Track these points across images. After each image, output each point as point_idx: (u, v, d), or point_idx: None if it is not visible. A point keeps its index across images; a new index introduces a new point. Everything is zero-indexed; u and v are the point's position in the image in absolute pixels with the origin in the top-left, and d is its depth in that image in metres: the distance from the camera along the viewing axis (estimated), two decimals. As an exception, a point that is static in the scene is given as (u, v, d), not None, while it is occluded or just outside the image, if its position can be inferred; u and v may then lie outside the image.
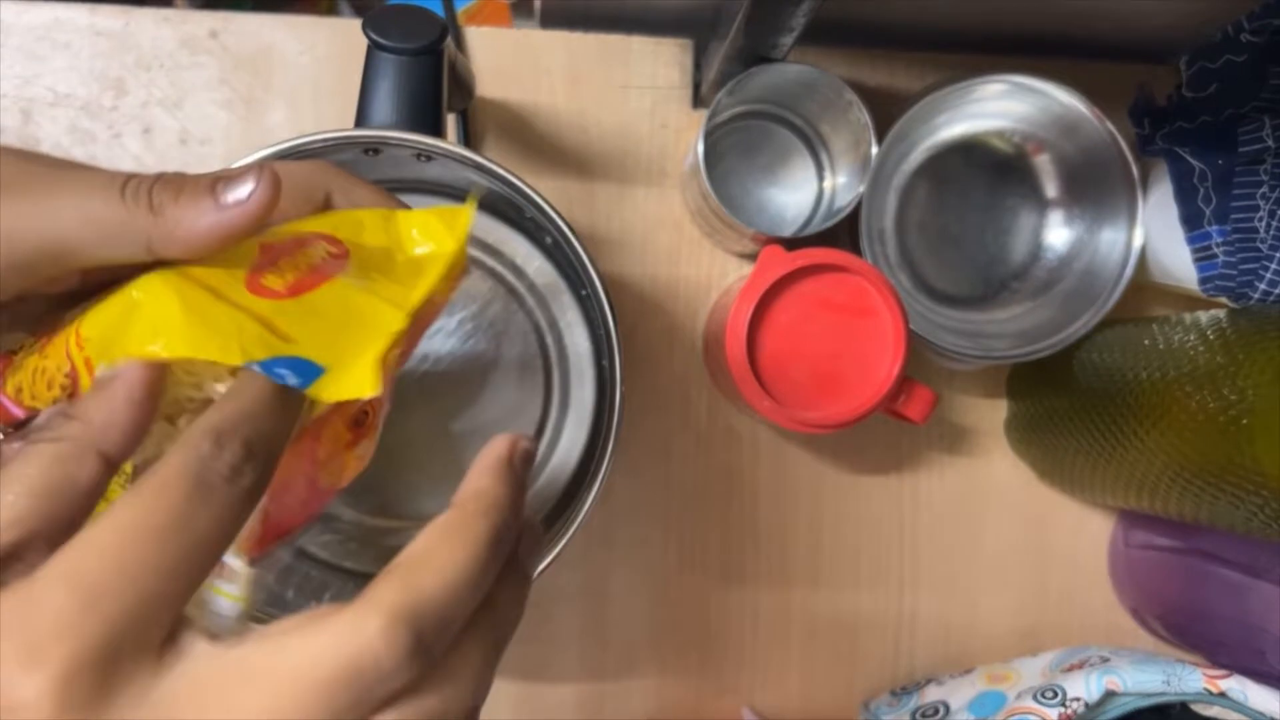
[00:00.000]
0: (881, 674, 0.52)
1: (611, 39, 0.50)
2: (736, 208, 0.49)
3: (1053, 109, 0.46)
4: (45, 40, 0.47)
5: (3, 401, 0.24)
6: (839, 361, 0.42)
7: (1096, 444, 0.44)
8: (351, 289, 0.25)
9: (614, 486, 0.50)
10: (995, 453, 0.53)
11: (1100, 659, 0.43)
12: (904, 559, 0.52)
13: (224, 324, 0.21)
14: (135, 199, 0.22)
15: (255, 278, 0.23)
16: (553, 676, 0.50)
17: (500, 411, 0.45)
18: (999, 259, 0.51)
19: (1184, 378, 0.39)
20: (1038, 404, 0.49)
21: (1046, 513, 0.53)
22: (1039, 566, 0.53)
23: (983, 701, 0.43)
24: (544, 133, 0.49)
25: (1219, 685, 0.38)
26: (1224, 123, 0.43)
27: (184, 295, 0.22)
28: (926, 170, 0.50)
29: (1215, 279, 0.43)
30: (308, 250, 0.25)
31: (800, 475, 0.51)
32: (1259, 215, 0.41)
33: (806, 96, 0.47)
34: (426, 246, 0.28)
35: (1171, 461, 0.39)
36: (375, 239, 0.27)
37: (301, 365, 0.22)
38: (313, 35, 0.48)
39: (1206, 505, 0.38)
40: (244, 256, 0.24)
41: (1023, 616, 0.53)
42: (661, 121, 0.50)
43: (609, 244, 0.50)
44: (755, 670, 0.51)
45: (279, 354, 0.21)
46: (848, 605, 0.52)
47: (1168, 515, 0.42)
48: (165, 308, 0.21)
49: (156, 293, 0.22)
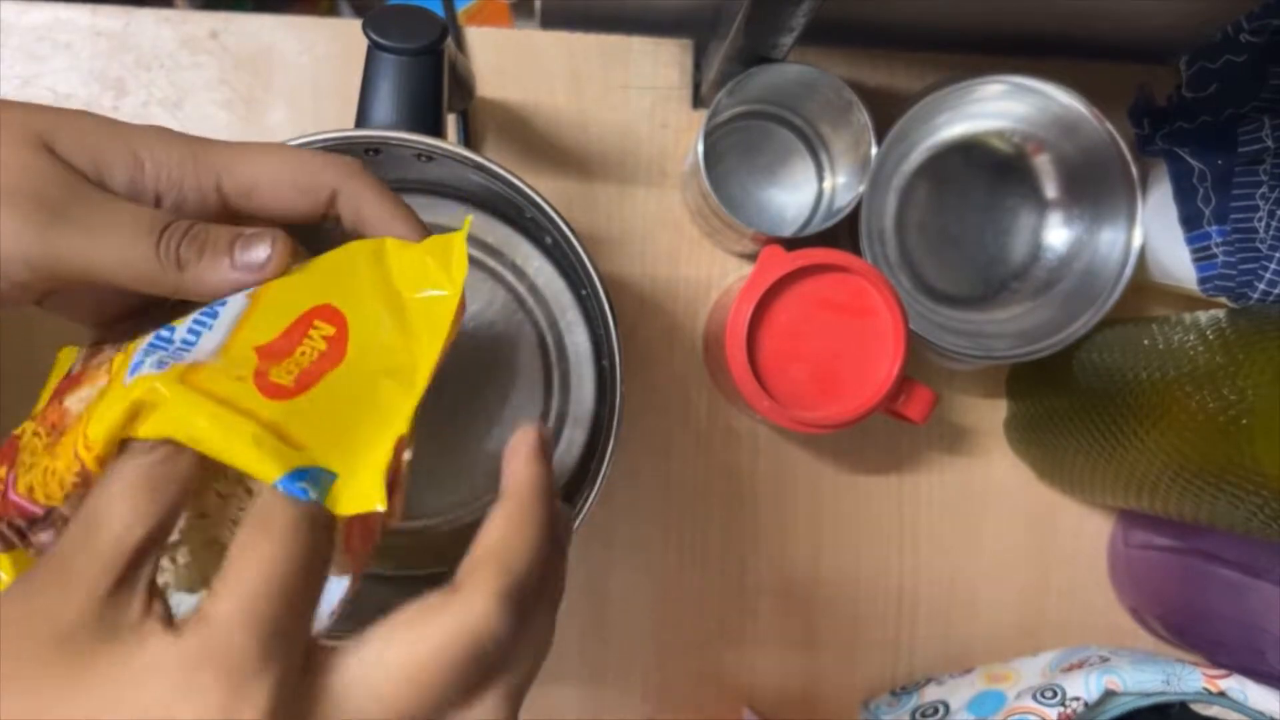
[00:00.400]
0: (881, 674, 0.52)
1: (612, 39, 0.50)
2: (736, 208, 0.49)
3: (1052, 109, 0.46)
4: (46, 40, 0.47)
5: (19, 502, 0.25)
6: (839, 361, 0.42)
7: (1096, 444, 0.44)
8: (358, 374, 0.25)
9: (614, 486, 0.50)
10: (995, 453, 0.53)
11: (1100, 659, 0.43)
12: (904, 559, 0.52)
13: (237, 433, 0.22)
14: (167, 254, 0.25)
15: (263, 376, 0.24)
16: (553, 676, 0.50)
17: (500, 411, 0.45)
18: (999, 259, 0.51)
19: (1184, 378, 0.39)
20: (1038, 404, 0.50)
21: (1046, 513, 0.53)
22: (1039, 566, 0.53)
23: (982, 701, 0.43)
24: (544, 133, 0.49)
25: (1218, 685, 0.38)
26: (1224, 123, 0.43)
27: (198, 405, 0.23)
28: (926, 170, 0.50)
29: (1214, 279, 0.43)
30: (305, 342, 0.25)
31: (800, 475, 0.51)
32: (1258, 215, 0.41)
33: (806, 97, 0.47)
34: (426, 291, 0.27)
35: (1171, 461, 0.39)
36: (373, 282, 0.27)
37: (316, 475, 0.23)
38: (313, 35, 0.48)
39: (1206, 505, 0.38)
40: (245, 363, 0.24)
41: (1022, 616, 0.53)
42: (661, 122, 0.50)
43: (609, 244, 0.50)
44: (755, 670, 0.51)
45: (294, 466, 0.22)
46: (848, 605, 0.52)
47: (1167, 515, 0.42)
48: (184, 413, 0.22)
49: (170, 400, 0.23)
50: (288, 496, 0.21)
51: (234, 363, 0.24)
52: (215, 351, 0.25)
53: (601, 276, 0.36)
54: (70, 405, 0.25)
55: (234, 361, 0.24)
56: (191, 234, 0.25)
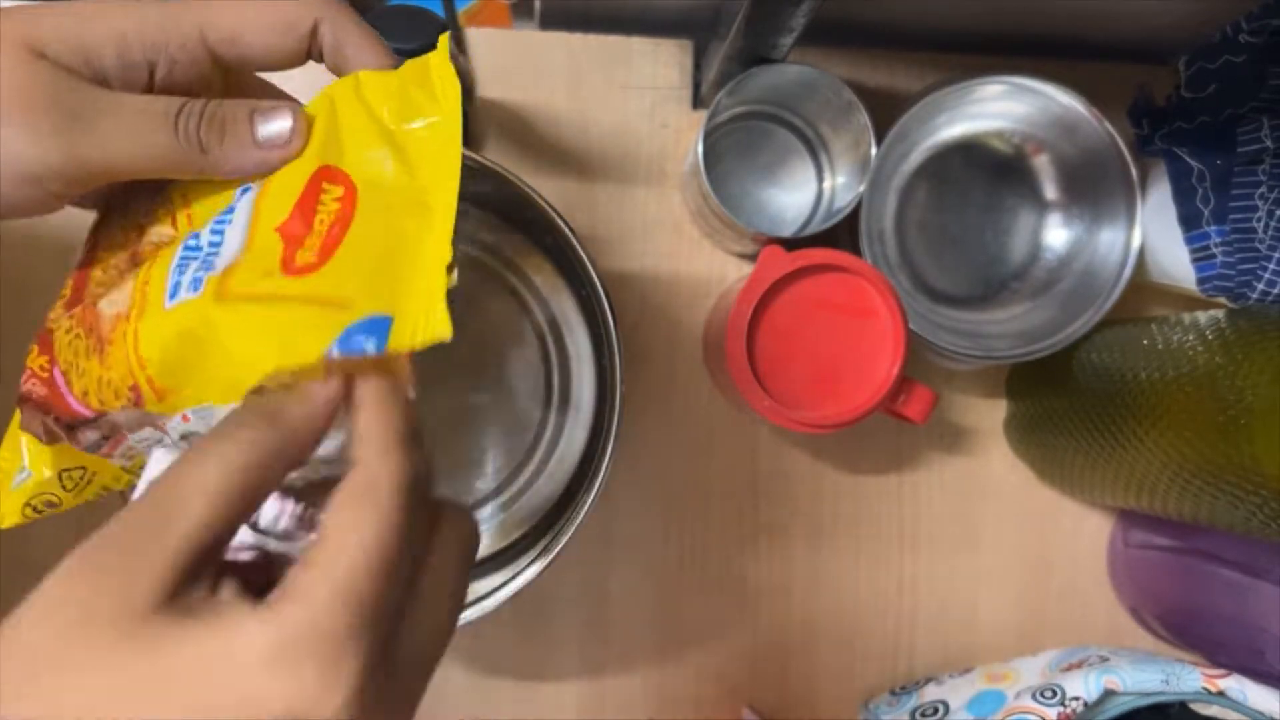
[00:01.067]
0: (881, 673, 0.52)
1: (611, 39, 0.50)
2: (736, 208, 0.49)
3: (1052, 109, 0.46)
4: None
5: (75, 405, 0.25)
6: (839, 361, 0.42)
7: (1096, 444, 0.44)
8: (376, 224, 0.25)
9: (614, 486, 0.50)
10: (995, 453, 0.53)
11: (1099, 658, 0.43)
12: (903, 559, 0.52)
13: (287, 326, 0.23)
14: (187, 139, 0.25)
15: (289, 262, 0.24)
16: (553, 676, 0.50)
17: (500, 411, 0.45)
18: (999, 259, 0.51)
19: (1184, 378, 0.39)
20: (1037, 404, 0.50)
21: (1046, 512, 0.53)
22: (1038, 566, 0.53)
23: (982, 701, 0.43)
24: (544, 133, 0.50)
25: (1218, 685, 0.38)
26: (1223, 123, 0.43)
27: (240, 315, 0.23)
28: (926, 170, 0.50)
29: (1214, 279, 0.43)
30: (319, 209, 0.25)
31: (800, 475, 0.51)
32: (1257, 215, 0.41)
33: (806, 97, 0.47)
34: (417, 122, 0.26)
35: (1171, 461, 0.39)
36: (361, 127, 0.26)
37: (373, 324, 0.22)
38: (313, 36, 0.48)
39: (1206, 505, 0.38)
40: (271, 250, 0.24)
41: (1022, 616, 0.53)
42: (661, 122, 0.50)
43: (609, 244, 0.50)
44: (755, 670, 0.51)
45: (345, 325, 0.22)
46: (847, 605, 0.52)
47: (1167, 515, 0.42)
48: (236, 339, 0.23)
49: (218, 324, 0.23)
50: (391, 466, 0.20)
51: (261, 253, 0.24)
52: (241, 247, 0.25)
53: (601, 276, 0.36)
54: (104, 309, 0.25)
55: (261, 252, 0.24)
56: (207, 114, 0.25)
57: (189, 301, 0.24)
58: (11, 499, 0.28)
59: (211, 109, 0.25)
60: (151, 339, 0.24)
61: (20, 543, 0.46)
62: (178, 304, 0.24)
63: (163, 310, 0.24)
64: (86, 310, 0.26)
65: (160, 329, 0.24)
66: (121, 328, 0.24)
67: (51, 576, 0.19)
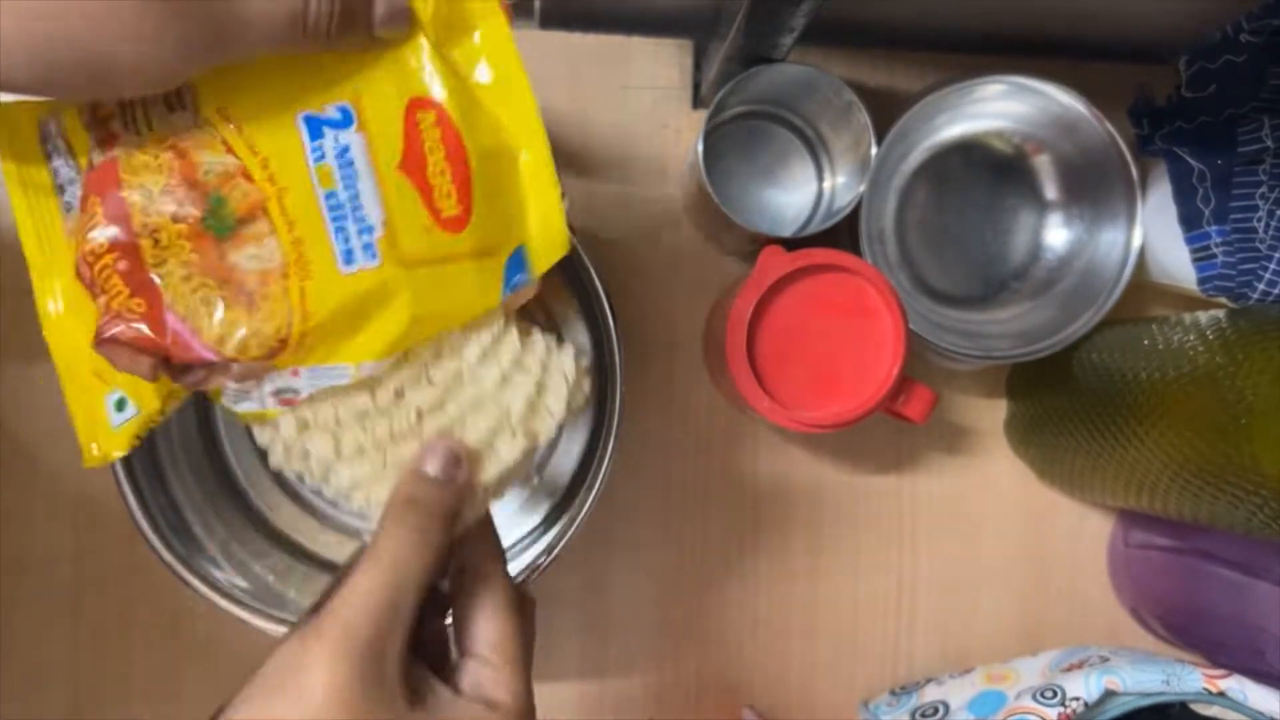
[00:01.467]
0: (881, 673, 0.52)
1: (611, 39, 0.50)
2: (736, 208, 0.49)
3: (1052, 109, 0.46)
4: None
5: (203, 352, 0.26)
6: (839, 361, 0.42)
7: (1096, 444, 0.44)
8: (491, 165, 0.28)
9: (614, 486, 0.50)
10: (995, 453, 0.53)
11: (1100, 659, 0.43)
12: (903, 559, 0.52)
13: (466, 284, 0.27)
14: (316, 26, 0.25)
15: (437, 213, 0.27)
16: (553, 675, 0.50)
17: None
18: (999, 259, 0.51)
19: (1184, 378, 0.39)
20: (1037, 404, 0.50)
21: (1046, 512, 0.53)
22: (1038, 566, 0.53)
23: (982, 701, 0.43)
24: (544, 133, 0.50)
25: (1218, 685, 0.38)
26: (1223, 123, 0.43)
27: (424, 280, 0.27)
28: (926, 170, 0.50)
29: (1214, 279, 0.43)
30: (424, 137, 0.27)
31: (800, 475, 0.51)
32: (1258, 215, 0.41)
33: (806, 97, 0.47)
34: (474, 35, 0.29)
35: (1171, 461, 0.39)
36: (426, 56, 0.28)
37: (517, 257, 0.28)
38: (313, 36, 0.48)
39: (1206, 505, 0.38)
40: (412, 201, 0.27)
41: (1022, 616, 0.53)
42: (661, 122, 0.50)
43: (609, 244, 0.50)
44: (755, 670, 0.51)
45: (502, 268, 0.27)
46: (847, 605, 0.52)
47: (1168, 515, 0.42)
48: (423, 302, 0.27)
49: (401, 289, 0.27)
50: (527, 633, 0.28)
51: (406, 206, 0.27)
52: (379, 198, 0.27)
53: (601, 277, 0.36)
54: (242, 263, 0.26)
55: (405, 203, 0.27)
56: None
57: (371, 269, 0.26)
58: (120, 435, 0.28)
59: None
60: (324, 299, 0.26)
61: (21, 542, 0.46)
62: (357, 270, 0.26)
63: (337, 274, 0.26)
64: (208, 260, 0.26)
65: (336, 291, 0.26)
66: (279, 284, 0.26)
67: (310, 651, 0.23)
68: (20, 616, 0.46)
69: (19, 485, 0.46)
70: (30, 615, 0.46)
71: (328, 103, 0.27)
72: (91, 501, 0.47)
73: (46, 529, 0.47)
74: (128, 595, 0.47)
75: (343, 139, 0.27)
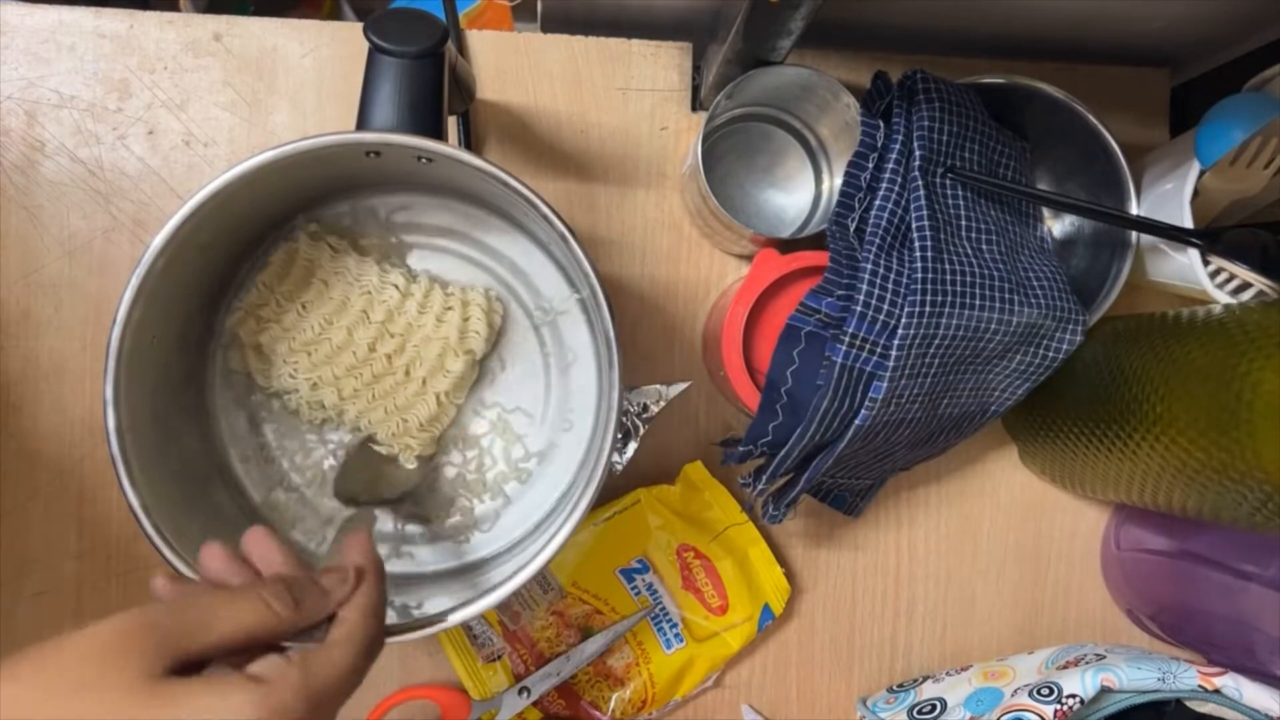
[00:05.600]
0: (879, 671, 0.52)
1: (612, 42, 0.50)
2: (735, 209, 0.49)
3: (1046, 112, 0.46)
4: (50, 43, 0.48)
5: (587, 709, 0.49)
6: (837, 361, 0.42)
7: (1096, 441, 0.44)
8: (729, 567, 0.49)
9: (614, 486, 0.50)
10: (994, 451, 0.53)
11: (1096, 656, 0.43)
12: (901, 557, 0.52)
13: (731, 644, 0.49)
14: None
15: (709, 607, 0.49)
16: (553, 675, 0.50)
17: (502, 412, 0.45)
18: (996, 260, 0.51)
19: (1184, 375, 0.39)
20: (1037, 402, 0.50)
21: (1044, 511, 0.53)
22: (1036, 564, 0.53)
23: (979, 698, 0.43)
24: (544, 135, 0.50)
25: (1214, 683, 0.38)
26: None
27: (708, 647, 0.49)
28: (924, 172, 0.50)
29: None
30: (691, 567, 0.49)
31: (799, 475, 0.52)
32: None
33: (805, 99, 0.47)
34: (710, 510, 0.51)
35: (1172, 458, 0.39)
36: (674, 516, 0.49)
37: (764, 615, 0.49)
38: (315, 38, 0.49)
39: (1209, 501, 0.38)
40: (692, 602, 0.49)
41: (1019, 614, 0.53)
42: (661, 124, 0.50)
43: (609, 245, 0.50)
44: (755, 669, 0.52)
45: (755, 626, 0.49)
46: (845, 602, 0.52)
47: (1169, 511, 0.42)
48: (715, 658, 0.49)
49: (700, 654, 0.49)
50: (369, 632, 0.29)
51: (689, 606, 0.48)
52: (675, 604, 0.48)
53: (601, 277, 0.36)
54: (613, 665, 0.48)
55: (688, 605, 0.48)
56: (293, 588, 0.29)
57: (681, 649, 0.48)
58: None
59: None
60: (661, 671, 0.48)
61: (21, 542, 0.47)
62: (675, 651, 0.48)
63: (664, 655, 0.48)
64: (599, 668, 0.48)
65: (668, 665, 0.48)
66: (634, 670, 0.48)
67: (108, 621, 0.24)
68: (21, 616, 0.46)
69: (19, 485, 0.47)
70: (31, 615, 0.46)
71: (631, 558, 0.48)
72: (92, 501, 0.47)
73: (47, 529, 0.47)
74: (128, 595, 0.47)
75: (646, 579, 0.48)
